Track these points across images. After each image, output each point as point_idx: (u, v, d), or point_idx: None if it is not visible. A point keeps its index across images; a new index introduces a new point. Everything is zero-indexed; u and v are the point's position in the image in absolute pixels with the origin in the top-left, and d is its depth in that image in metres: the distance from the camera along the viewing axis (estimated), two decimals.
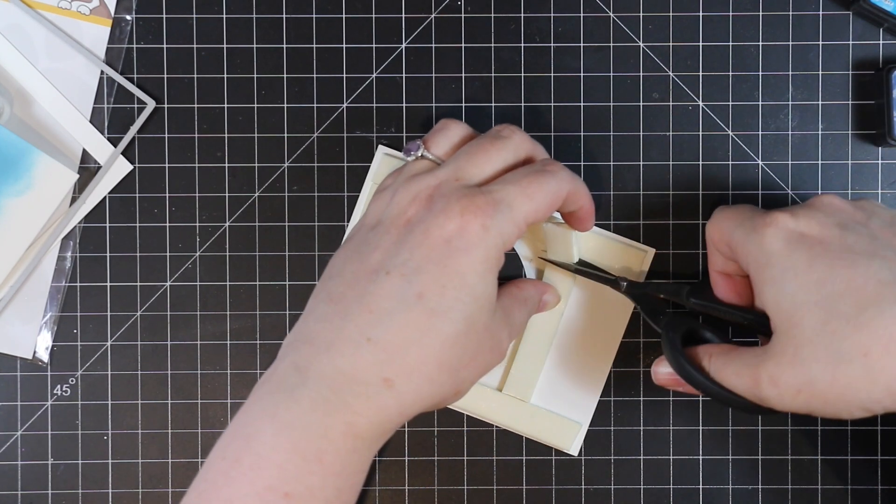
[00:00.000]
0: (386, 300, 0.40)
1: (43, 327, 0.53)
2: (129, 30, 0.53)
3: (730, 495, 0.53)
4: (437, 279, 0.40)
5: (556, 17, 0.53)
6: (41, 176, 0.52)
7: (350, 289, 0.41)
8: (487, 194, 0.41)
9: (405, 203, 0.42)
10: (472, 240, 0.40)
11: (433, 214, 0.41)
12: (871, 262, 0.39)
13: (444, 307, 0.40)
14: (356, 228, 0.44)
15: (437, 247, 0.40)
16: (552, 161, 0.45)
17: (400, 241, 0.41)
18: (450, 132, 0.46)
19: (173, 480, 0.53)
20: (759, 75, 0.53)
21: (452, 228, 0.40)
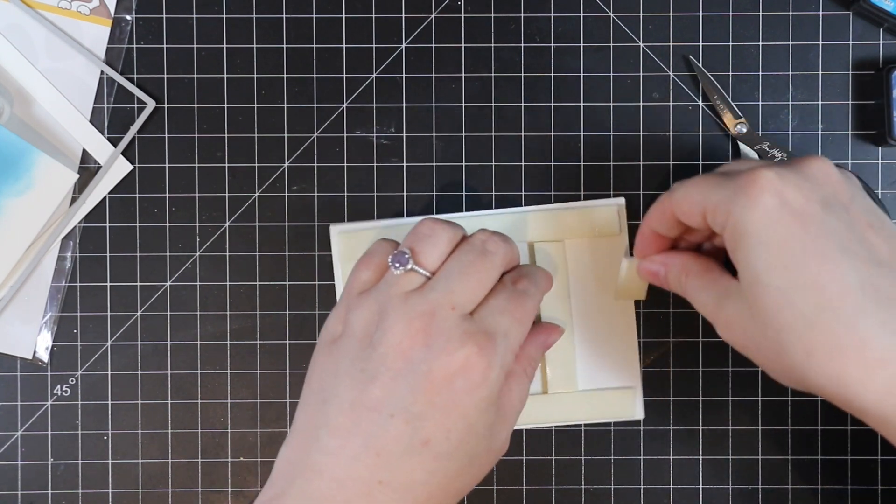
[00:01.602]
0: (394, 446, 0.40)
1: (43, 327, 0.53)
2: (129, 30, 0.53)
3: (730, 495, 0.53)
4: (443, 424, 0.41)
5: (556, 17, 0.53)
6: (41, 176, 0.52)
7: (354, 425, 0.41)
8: (485, 329, 0.42)
9: (400, 332, 0.41)
10: (476, 380, 0.41)
11: (434, 354, 0.41)
12: (841, 260, 0.38)
13: (449, 450, 0.41)
14: (342, 336, 0.43)
15: (440, 390, 0.41)
16: (525, 274, 0.45)
17: (399, 378, 0.41)
18: (438, 240, 0.44)
19: (173, 480, 0.53)
20: (759, 75, 0.53)
21: (455, 369, 0.41)
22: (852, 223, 0.39)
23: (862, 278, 0.38)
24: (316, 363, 0.43)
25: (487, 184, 0.53)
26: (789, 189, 0.39)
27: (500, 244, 0.44)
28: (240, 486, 0.53)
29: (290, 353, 0.53)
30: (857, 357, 0.37)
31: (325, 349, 0.43)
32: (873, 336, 0.37)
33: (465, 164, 0.53)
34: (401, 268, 0.43)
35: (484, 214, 0.52)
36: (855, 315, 0.37)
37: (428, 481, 0.41)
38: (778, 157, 0.52)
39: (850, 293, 0.38)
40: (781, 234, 0.39)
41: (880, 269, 0.38)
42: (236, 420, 0.53)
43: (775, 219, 0.39)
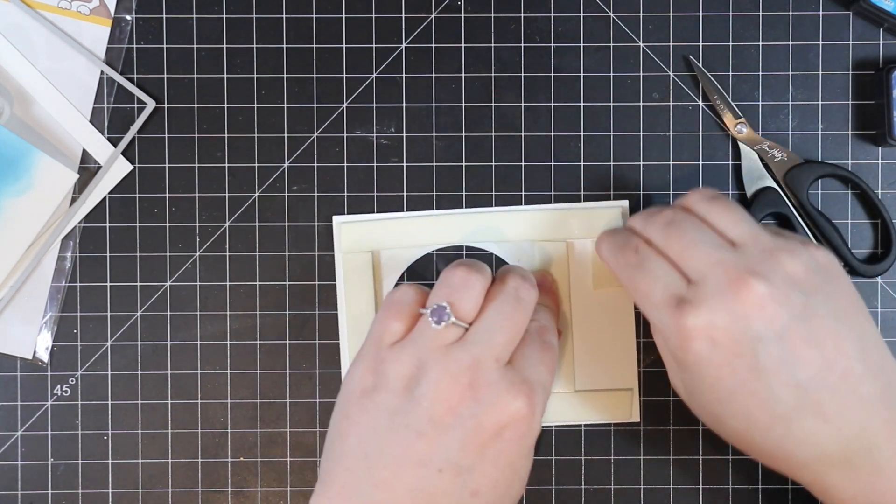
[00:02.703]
0: (442, 498, 0.40)
1: (43, 327, 0.53)
2: (129, 30, 0.53)
3: (730, 495, 0.53)
4: (491, 475, 0.41)
5: (556, 17, 0.53)
6: (41, 176, 0.52)
7: (400, 480, 0.40)
8: (527, 380, 0.42)
9: (446, 387, 0.41)
10: (523, 430, 0.41)
11: (483, 407, 0.41)
12: (770, 393, 0.41)
13: (496, 499, 0.42)
14: (377, 388, 0.42)
15: (488, 442, 0.41)
16: (545, 325, 0.46)
17: (447, 432, 0.40)
18: (473, 290, 0.43)
19: (173, 480, 0.53)
20: (759, 75, 0.53)
21: (506, 421, 0.41)
22: (788, 349, 0.41)
23: (789, 405, 0.41)
24: (349, 416, 0.42)
25: (487, 184, 0.53)
26: (719, 332, 0.41)
27: (530, 291, 0.45)
28: (240, 486, 0.53)
29: (290, 353, 0.53)
30: (785, 462, 0.42)
31: (358, 402, 0.42)
32: (796, 450, 0.41)
33: (465, 164, 0.53)
34: (441, 323, 0.42)
35: (486, 211, 0.52)
36: (782, 437, 0.41)
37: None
38: (778, 157, 0.52)
39: (778, 420, 0.41)
40: (713, 376, 0.41)
41: (809, 388, 0.40)
42: (236, 420, 0.53)
43: (706, 364, 0.41)
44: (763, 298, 0.40)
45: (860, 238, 0.53)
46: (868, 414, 0.41)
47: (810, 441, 0.41)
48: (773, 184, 0.52)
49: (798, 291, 0.41)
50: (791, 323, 0.40)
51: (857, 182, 0.52)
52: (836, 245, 0.52)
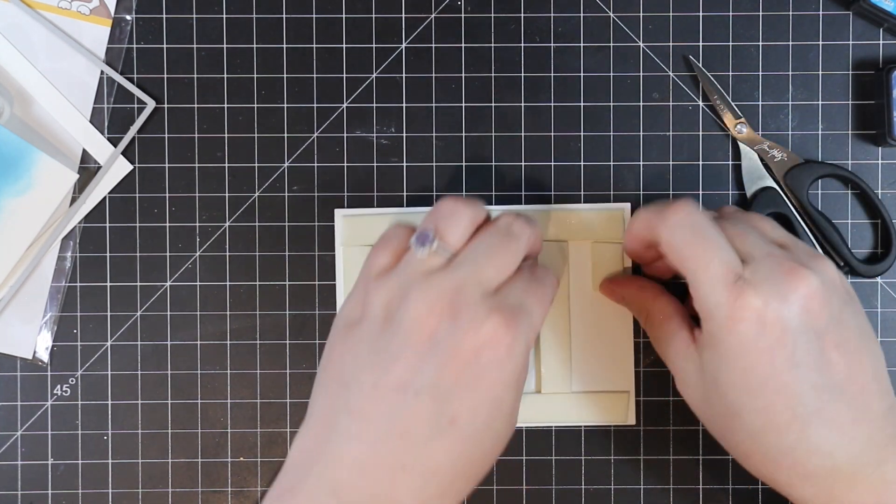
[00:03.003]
0: (419, 426, 0.39)
1: (43, 327, 0.53)
2: (129, 30, 0.53)
3: (729, 495, 0.53)
4: (471, 402, 0.39)
5: (556, 17, 0.53)
6: (41, 176, 0.52)
7: (375, 406, 0.39)
8: (510, 306, 0.40)
9: (424, 309, 0.39)
10: (503, 356, 0.39)
11: (461, 329, 0.39)
12: (798, 390, 0.41)
13: (476, 431, 0.39)
14: (361, 319, 0.41)
15: (467, 366, 0.39)
16: (542, 266, 0.45)
17: (424, 355, 0.39)
18: (461, 219, 0.42)
19: (173, 480, 0.53)
20: (759, 75, 0.53)
21: (482, 344, 0.39)
22: (821, 349, 0.41)
23: (811, 408, 0.41)
24: (333, 348, 0.42)
25: (487, 184, 0.53)
26: (770, 314, 0.40)
27: (525, 227, 0.43)
28: (240, 486, 0.53)
29: (290, 353, 0.53)
30: (790, 471, 0.42)
31: (343, 333, 0.42)
32: (806, 458, 0.41)
33: (465, 164, 0.53)
34: (424, 248, 0.41)
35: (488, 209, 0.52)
36: (796, 441, 0.41)
37: (453, 465, 0.39)
38: (778, 157, 0.52)
39: (797, 421, 0.41)
40: (750, 362, 0.41)
41: (831, 394, 0.41)
42: (236, 420, 0.53)
43: (749, 347, 0.41)
44: (814, 292, 0.41)
45: (860, 238, 0.53)
46: (876, 429, 0.41)
47: (823, 449, 0.41)
48: (773, 184, 0.52)
49: (836, 296, 0.42)
50: (829, 325, 0.41)
51: (857, 182, 0.52)
52: (836, 245, 0.52)
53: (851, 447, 0.41)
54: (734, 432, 0.43)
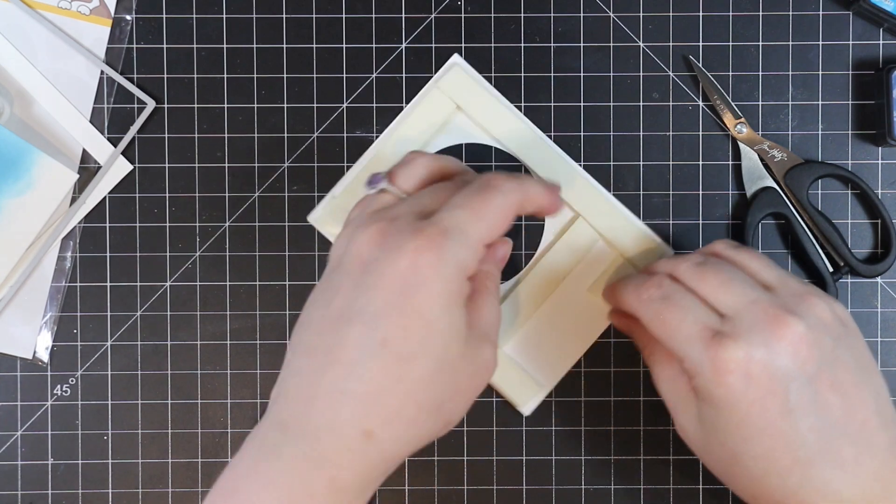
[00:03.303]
0: (352, 350, 0.39)
1: (43, 327, 0.53)
2: (129, 30, 0.53)
3: (730, 495, 0.53)
4: (399, 322, 0.38)
5: (556, 17, 0.53)
6: (41, 176, 0.52)
7: (319, 339, 0.40)
8: (437, 224, 0.39)
9: (361, 242, 0.40)
10: (427, 274, 0.39)
11: (385, 253, 0.39)
12: (796, 435, 0.41)
13: (410, 351, 0.39)
14: (326, 269, 0.43)
15: (393, 288, 0.39)
16: (495, 175, 0.43)
17: (357, 284, 0.39)
18: (415, 165, 0.44)
19: (173, 480, 0.53)
20: (759, 75, 0.53)
21: (406, 266, 0.39)
22: (815, 392, 0.41)
23: (811, 451, 0.41)
24: (305, 306, 0.42)
25: None
26: (755, 367, 0.41)
27: (510, 182, 0.42)
28: None
29: None
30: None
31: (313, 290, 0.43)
32: (812, 499, 0.41)
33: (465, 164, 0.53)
34: (374, 187, 0.43)
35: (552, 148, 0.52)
36: (800, 483, 0.41)
37: (394, 388, 0.39)
38: (778, 157, 0.52)
39: (798, 464, 0.41)
40: (743, 413, 0.41)
41: (831, 434, 0.41)
42: (236, 420, 0.53)
43: (739, 398, 0.41)
44: (800, 338, 0.41)
45: (860, 238, 0.53)
46: (881, 464, 0.41)
47: (829, 488, 0.41)
48: (773, 184, 0.52)
49: (827, 336, 0.42)
50: (821, 366, 0.41)
51: (857, 182, 0.52)
52: (835, 245, 0.52)
53: (857, 483, 0.41)
54: (737, 478, 0.43)
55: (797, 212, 0.52)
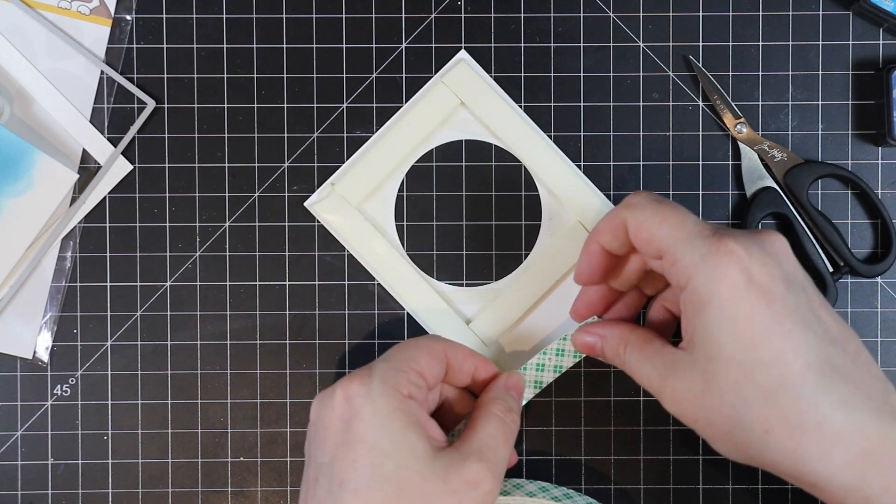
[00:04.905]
0: (322, 501, 0.41)
1: (43, 327, 0.53)
2: (129, 30, 0.53)
3: (729, 495, 0.53)
4: (348, 457, 0.41)
5: (556, 17, 0.53)
6: (41, 176, 0.52)
7: (303, 500, 0.43)
8: (363, 368, 0.43)
9: (312, 410, 0.44)
10: (358, 402, 0.41)
11: (324, 405, 0.43)
12: (803, 339, 0.39)
13: (363, 482, 0.40)
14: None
15: (336, 428, 0.42)
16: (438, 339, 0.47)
17: (313, 444, 0.43)
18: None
19: (173, 480, 0.53)
20: (759, 75, 0.53)
21: (340, 404, 0.42)
22: (809, 302, 0.40)
23: (821, 356, 0.39)
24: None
25: (488, 183, 0.53)
26: (756, 265, 0.39)
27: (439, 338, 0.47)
28: (240, 486, 0.53)
29: (290, 353, 0.53)
30: (816, 434, 0.38)
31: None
32: (831, 413, 0.38)
33: (465, 164, 0.53)
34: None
35: (545, 142, 0.52)
36: (815, 392, 0.38)
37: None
38: (778, 157, 0.52)
39: (811, 371, 0.38)
40: (747, 310, 0.39)
41: (835, 347, 0.39)
42: (236, 420, 0.53)
43: (742, 294, 0.39)
44: (787, 249, 0.41)
45: (860, 238, 0.53)
46: (886, 391, 0.40)
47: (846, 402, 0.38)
48: (773, 184, 0.52)
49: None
50: (807, 283, 0.41)
51: (857, 182, 0.52)
52: (835, 245, 0.52)
53: (870, 403, 0.38)
54: (746, 412, 0.39)
55: (797, 212, 0.52)
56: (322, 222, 0.52)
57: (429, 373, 0.44)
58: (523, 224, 0.53)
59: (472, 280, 0.53)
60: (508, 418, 0.45)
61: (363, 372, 0.43)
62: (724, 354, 0.39)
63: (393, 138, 0.52)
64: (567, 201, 0.52)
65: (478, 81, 0.52)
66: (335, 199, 0.52)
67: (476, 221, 0.53)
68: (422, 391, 0.44)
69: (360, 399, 0.41)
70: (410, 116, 0.52)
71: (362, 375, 0.42)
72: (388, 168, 0.52)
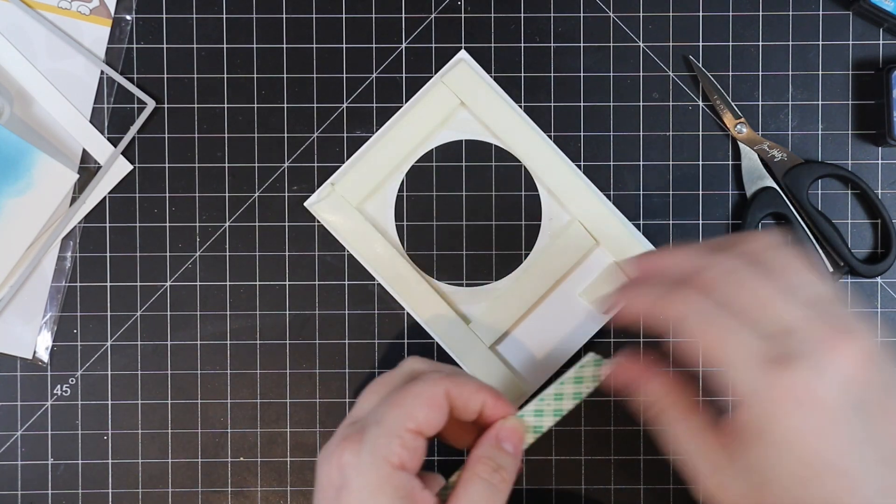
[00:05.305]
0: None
1: (43, 327, 0.53)
2: (129, 30, 0.53)
3: None
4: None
5: (556, 17, 0.53)
6: (41, 176, 0.52)
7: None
8: (359, 423, 0.41)
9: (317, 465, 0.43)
10: (348, 473, 0.40)
11: (322, 468, 0.42)
12: (859, 474, 0.36)
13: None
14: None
15: (330, 495, 0.41)
16: (426, 371, 0.44)
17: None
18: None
19: (173, 480, 0.53)
20: (759, 75, 0.53)
21: (334, 470, 0.41)
22: (878, 419, 0.37)
23: (876, 486, 0.36)
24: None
25: (488, 184, 0.53)
26: (822, 392, 0.36)
27: (432, 372, 0.43)
28: (240, 486, 0.53)
29: (290, 353, 0.53)
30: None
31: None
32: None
33: (466, 164, 0.53)
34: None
35: (550, 148, 0.52)
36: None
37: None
38: (778, 157, 0.52)
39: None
40: (807, 447, 0.36)
41: (889, 468, 0.36)
42: (236, 420, 0.53)
43: (804, 430, 0.36)
44: (864, 357, 0.36)
45: (860, 238, 0.53)
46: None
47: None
48: (773, 184, 0.52)
49: (880, 359, 0.37)
50: (881, 391, 0.37)
51: (857, 182, 0.52)
52: (835, 245, 0.52)
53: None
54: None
55: (797, 212, 0.52)
56: (322, 222, 0.52)
57: (428, 425, 0.42)
58: (523, 224, 0.53)
59: (472, 280, 0.53)
60: (495, 479, 0.43)
61: (356, 437, 0.41)
62: (772, 487, 0.37)
63: (393, 138, 0.52)
64: (567, 201, 0.52)
65: (478, 81, 0.52)
66: (335, 199, 0.52)
67: (476, 221, 0.53)
68: (417, 452, 0.41)
69: (351, 470, 0.40)
70: (410, 116, 0.52)
71: (354, 442, 0.41)
72: (388, 168, 0.52)
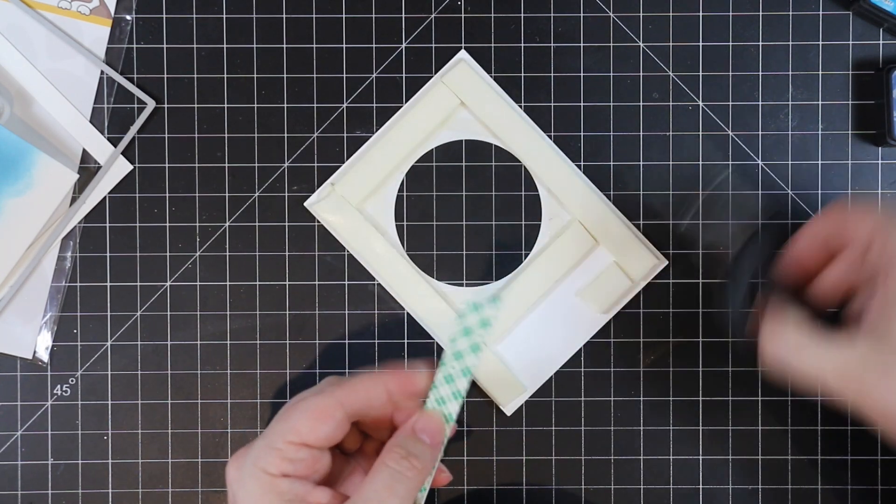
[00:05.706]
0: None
1: (43, 327, 0.53)
2: (129, 30, 0.53)
3: (730, 495, 0.53)
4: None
5: (556, 17, 0.53)
6: (41, 176, 0.52)
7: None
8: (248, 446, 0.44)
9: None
10: (234, 488, 0.43)
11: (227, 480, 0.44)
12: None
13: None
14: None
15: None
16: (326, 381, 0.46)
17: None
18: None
19: (173, 480, 0.53)
20: (759, 75, 0.53)
21: (229, 490, 0.43)
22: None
23: None
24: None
25: (488, 184, 0.53)
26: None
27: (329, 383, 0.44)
28: None
29: (290, 353, 0.53)
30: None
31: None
32: None
33: (465, 164, 0.53)
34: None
35: (553, 151, 0.52)
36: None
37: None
38: None
39: None
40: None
41: None
42: (236, 420, 0.53)
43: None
44: None
45: None
46: None
47: None
48: None
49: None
50: None
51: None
52: None
53: None
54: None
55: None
56: (322, 222, 0.52)
57: (314, 436, 0.42)
58: (523, 224, 0.53)
59: (472, 280, 0.53)
60: (402, 465, 0.42)
61: (242, 452, 0.43)
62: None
63: (393, 138, 0.52)
64: (567, 201, 0.52)
65: (478, 81, 0.52)
66: (335, 199, 0.52)
67: (476, 221, 0.53)
68: (303, 463, 0.42)
69: (235, 484, 0.43)
70: (410, 116, 0.52)
71: (239, 457, 0.43)
72: (388, 168, 0.52)
